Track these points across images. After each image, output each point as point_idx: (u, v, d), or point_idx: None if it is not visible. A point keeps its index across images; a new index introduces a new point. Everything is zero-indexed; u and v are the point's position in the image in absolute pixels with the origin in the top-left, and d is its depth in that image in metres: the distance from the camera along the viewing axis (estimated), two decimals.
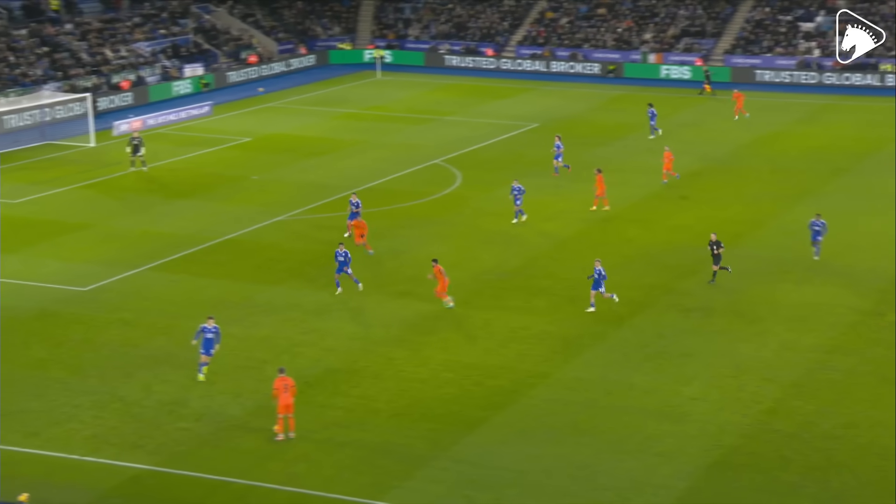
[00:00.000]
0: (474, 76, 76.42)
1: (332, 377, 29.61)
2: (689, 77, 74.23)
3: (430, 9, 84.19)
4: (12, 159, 51.94)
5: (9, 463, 24.90)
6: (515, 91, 70.73)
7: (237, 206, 45.28)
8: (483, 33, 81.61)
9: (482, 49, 79.95)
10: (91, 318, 33.16)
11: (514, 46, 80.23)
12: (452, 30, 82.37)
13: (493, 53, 79.42)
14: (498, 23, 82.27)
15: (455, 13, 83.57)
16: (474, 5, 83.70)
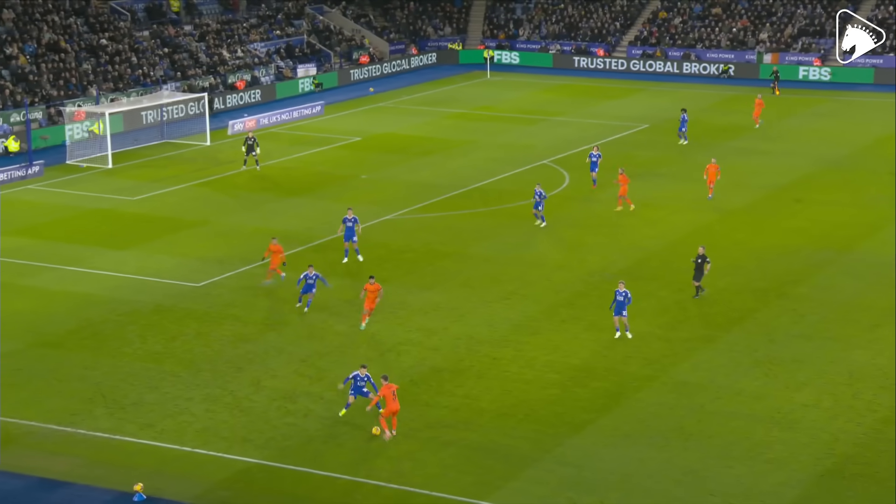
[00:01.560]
0: (585, 77, 75.90)
1: (436, 376, 29.73)
2: (806, 77, 72.52)
3: (542, 9, 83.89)
4: (132, 157, 53.43)
5: (125, 453, 25.61)
6: (626, 92, 70.03)
7: (347, 204, 45.73)
8: (594, 33, 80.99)
9: (593, 49, 79.36)
10: (204, 313, 33.90)
11: (625, 47, 79.45)
12: (563, 30, 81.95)
13: (603, 54, 78.77)
14: (609, 23, 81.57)
15: (567, 13, 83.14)
16: (586, 5, 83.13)
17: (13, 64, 59.52)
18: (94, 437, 26.21)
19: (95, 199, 46.18)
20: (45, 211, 44.75)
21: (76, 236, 41.18)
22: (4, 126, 55.15)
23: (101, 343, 31.60)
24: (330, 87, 71.87)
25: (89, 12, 67.18)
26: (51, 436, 26.23)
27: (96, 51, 63.89)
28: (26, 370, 29.73)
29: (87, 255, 38.94)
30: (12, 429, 26.49)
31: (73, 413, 27.26)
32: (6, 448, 25.64)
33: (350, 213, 38.13)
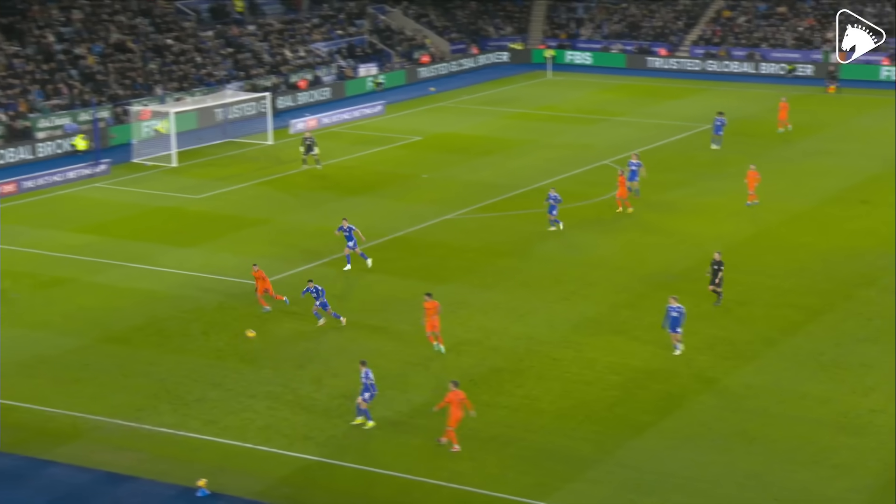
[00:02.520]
0: (647, 76, 75.37)
1: (496, 376, 29.68)
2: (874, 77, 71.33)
3: (604, 8, 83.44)
4: (196, 156, 54.05)
5: (189, 449, 25.90)
6: (688, 91, 69.41)
7: (407, 203, 45.91)
8: (657, 33, 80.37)
9: (655, 49, 78.75)
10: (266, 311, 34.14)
11: (688, 46, 78.74)
12: (625, 29, 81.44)
13: (666, 53, 78.14)
14: (672, 22, 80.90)
15: (629, 13, 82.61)
16: (648, 4, 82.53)
17: (81, 64, 60.51)
18: (159, 432, 26.55)
19: (160, 198, 46.78)
20: (112, 209, 45.43)
21: (142, 234, 41.75)
22: (73, 125, 56.09)
23: (166, 339, 32.00)
24: (391, 87, 72.08)
25: (155, 13, 68.07)
26: (117, 430, 26.61)
27: (162, 51, 64.72)
28: (93, 365, 30.21)
29: (152, 252, 39.45)
30: (80, 423, 26.93)
31: (139, 408, 27.63)
32: (75, 442, 26.07)
33: (345, 224, 37.47)
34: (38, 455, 25.40)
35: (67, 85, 58.31)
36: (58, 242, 40.43)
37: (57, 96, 57.26)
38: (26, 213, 44.50)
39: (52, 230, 42.12)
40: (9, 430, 26.55)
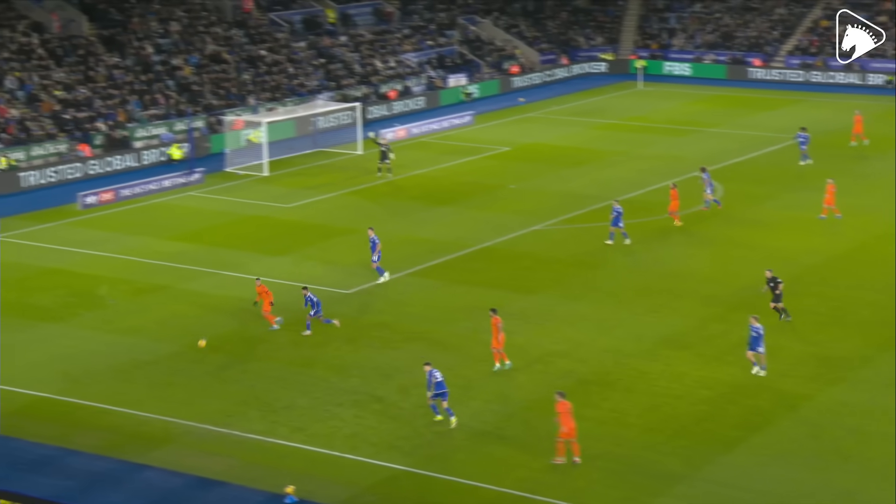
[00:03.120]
0: (740, 87, 74.34)
1: (583, 389, 29.50)
2: None
3: (697, 18, 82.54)
4: (286, 165, 54.80)
5: (277, 455, 26.22)
6: (783, 102, 68.29)
7: (494, 214, 45.94)
8: (751, 43, 79.22)
9: (749, 59, 77.64)
10: (353, 320, 34.45)
11: (783, 56, 77.48)
12: (718, 39, 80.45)
13: (760, 64, 76.98)
14: (767, 32, 79.69)
15: (722, 22, 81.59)
16: (743, 14, 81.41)
17: (178, 74, 61.82)
18: (248, 438, 26.93)
19: (252, 206, 47.51)
20: (205, 217, 46.29)
21: (233, 242, 42.45)
22: (169, 134, 57.31)
23: (256, 347, 32.46)
24: (483, 97, 72.25)
25: (249, 24, 69.27)
26: (207, 436, 27.06)
27: (255, 61, 65.81)
28: (186, 371, 30.78)
29: (243, 260, 40.08)
30: (172, 428, 27.45)
31: (229, 415, 28.07)
32: (167, 446, 26.59)
33: (371, 234, 37.57)
34: (133, 458, 25.94)
35: (164, 95, 59.62)
36: (153, 250, 41.32)
37: (154, 106, 58.58)
38: (123, 221, 45.58)
39: (147, 237, 43.06)
40: (105, 433, 27.18)
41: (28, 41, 58.46)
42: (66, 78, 57.38)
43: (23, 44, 58.11)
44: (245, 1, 70.47)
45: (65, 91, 56.50)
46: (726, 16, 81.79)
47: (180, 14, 66.78)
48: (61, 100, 55.94)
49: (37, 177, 51.01)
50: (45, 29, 60.18)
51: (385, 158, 51.82)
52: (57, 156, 52.85)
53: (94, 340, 32.80)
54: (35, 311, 35.02)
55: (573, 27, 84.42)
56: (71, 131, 54.34)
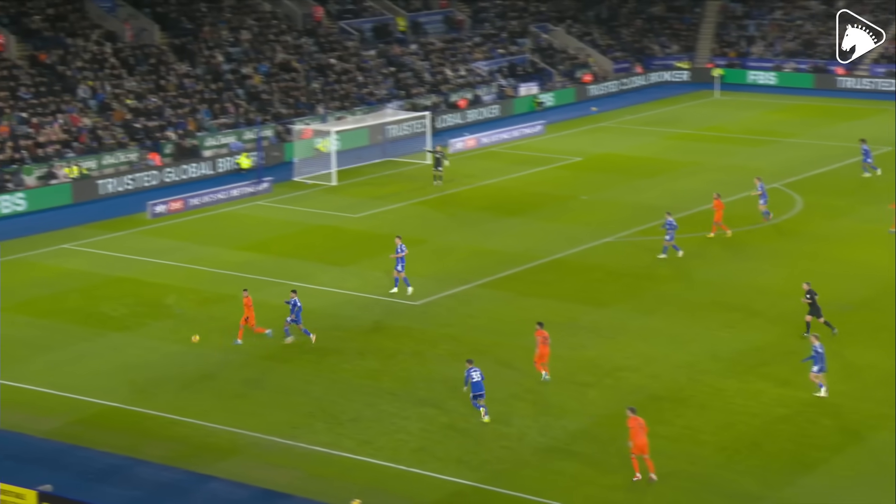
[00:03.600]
0: (821, 96, 73.22)
1: (655, 405, 29.20)
2: None
3: (777, 25, 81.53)
4: (355, 175, 55.15)
5: (343, 468, 26.33)
6: (867, 112, 67.12)
7: (565, 225, 45.75)
8: (833, 51, 77.90)
9: (831, 68, 76.46)
10: (421, 332, 34.52)
11: (867, 65, 76.15)
12: (799, 47, 79.35)
13: (843, 72, 75.75)
14: None
15: (804, 30, 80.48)
16: (826, 21, 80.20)
17: (248, 83, 62.59)
18: (314, 450, 27.08)
19: (319, 216, 47.89)
20: (272, 226, 46.75)
21: (301, 252, 42.81)
22: (238, 143, 58.02)
23: (322, 358, 32.66)
24: (558, 105, 72.12)
25: (319, 32, 69.93)
26: (273, 448, 27.27)
27: (325, 70, 66.41)
28: (253, 382, 31.06)
29: (310, 270, 40.39)
30: (239, 439, 27.71)
31: (295, 426, 28.26)
32: (233, 457, 26.85)
33: (398, 242, 37.44)
34: (199, 470, 26.22)
35: (234, 104, 60.40)
36: (220, 259, 41.82)
37: (223, 115, 59.36)
38: (192, 230, 46.21)
39: (215, 247, 43.60)
40: (172, 443, 27.53)
41: (101, 50, 59.63)
42: (138, 87, 58.41)
43: (96, 53, 59.30)
44: (315, 9, 71.19)
45: (136, 100, 57.51)
46: (808, 23, 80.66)
47: (251, 23, 67.64)
48: (132, 109, 56.95)
49: (109, 185, 51.95)
50: (117, 38, 61.35)
51: (439, 165, 52.01)
52: (128, 165, 53.79)
53: (162, 350, 33.27)
54: (103, 319, 35.63)
55: (648, 35, 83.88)
56: (141, 140, 55.28)
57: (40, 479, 24.16)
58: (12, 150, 50.77)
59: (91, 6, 62.61)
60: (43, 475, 24.94)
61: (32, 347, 33.35)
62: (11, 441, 27.51)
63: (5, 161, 50.23)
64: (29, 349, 33.25)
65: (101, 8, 62.82)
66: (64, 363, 32.29)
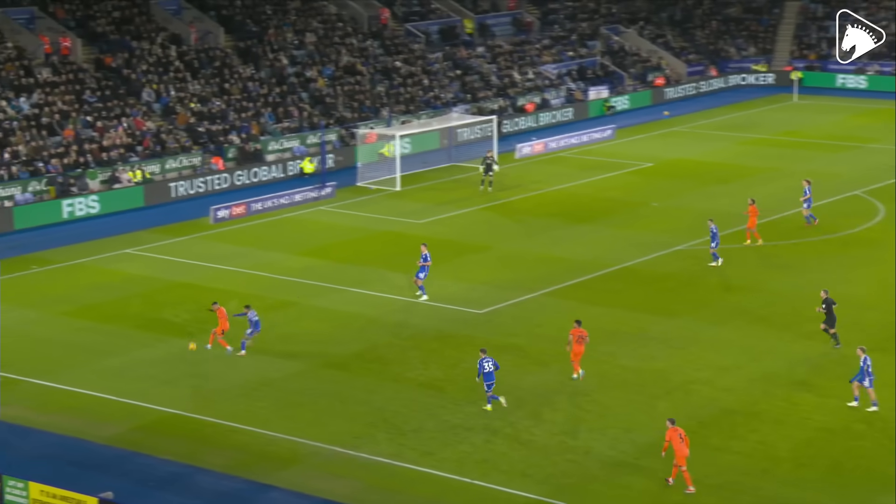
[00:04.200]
0: None
1: (728, 419, 28.85)
2: None
3: None
4: (419, 180, 55.30)
5: (405, 480, 26.33)
6: None
7: (635, 232, 45.44)
8: None
9: None
10: (485, 341, 34.35)
11: None
12: (884, 49, 77.94)
13: None
14: None
15: (889, 31, 79.00)
16: None
17: (312, 86, 63.09)
18: (376, 461, 27.14)
19: (383, 222, 48.08)
20: (335, 232, 47.02)
21: (363, 258, 42.99)
22: (301, 147, 58.50)
23: (384, 367, 32.74)
24: (625, 111, 71.73)
25: (385, 35, 70.28)
26: (334, 458, 27.38)
27: (390, 73, 66.70)
28: (313, 390, 31.24)
29: (373, 277, 40.55)
30: (299, 448, 27.87)
31: (356, 436, 28.35)
32: (293, 467, 27.00)
33: (424, 250, 37.71)
34: (259, 479, 26.40)
35: (298, 108, 60.90)
36: (282, 265, 42.16)
37: (287, 119, 59.89)
38: (253, 235, 46.66)
39: (276, 252, 43.97)
40: (232, 451, 27.77)
41: (165, 53, 60.51)
42: (202, 90, 59.15)
43: (160, 56, 60.19)
44: (382, 11, 71.56)
45: (200, 103, 58.24)
46: (893, 23, 79.23)
47: (316, 25, 68.19)
48: (196, 112, 57.69)
49: (181, 188, 52.64)
50: (182, 41, 62.20)
51: (489, 171, 51.99)
52: (191, 169, 54.49)
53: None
54: (164, 325, 36.08)
55: (724, 37, 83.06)
56: (205, 144, 55.96)
57: (101, 486, 24.52)
58: (77, 154, 51.67)
59: (157, 9, 63.57)
60: (104, 482, 25.29)
61: (94, 352, 33.89)
62: (73, 447, 27.95)
63: (70, 165, 51.14)
64: (90, 354, 33.79)
65: (166, 11, 63.74)
66: (125, 369, 32.75)
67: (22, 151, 50.71)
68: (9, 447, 27.95)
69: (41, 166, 50.19)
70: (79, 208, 49.51)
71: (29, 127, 52.07)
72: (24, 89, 54.08)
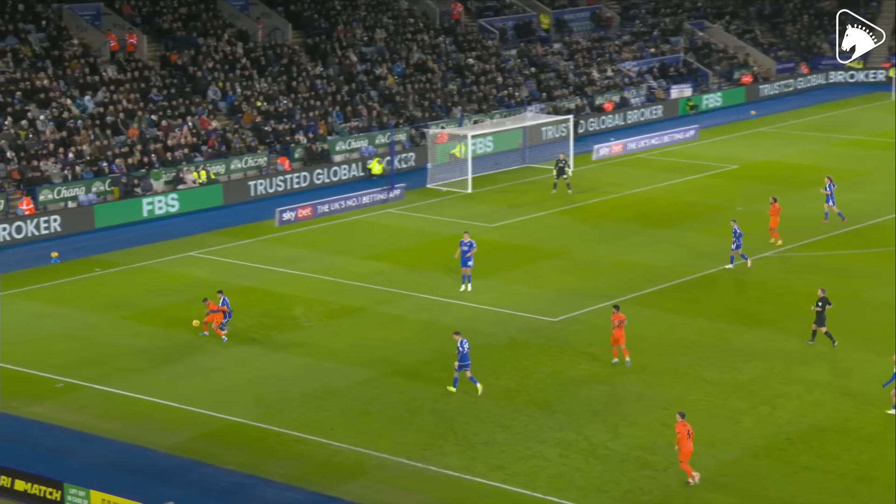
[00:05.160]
0: None
1: (818, 436, 28.43)
2: None
3: None
4: (491, 182, 55.27)
5: (474, 494, 26.31)
6: None
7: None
8: None
9: None
10: (559, 350, 34.35)
11: None
12: None
13: None
14: None
15: None
16: None
17: (381, 84, 63.42)
18: (444, 474, 27.15)
19: (453, 225, 48.12)
20: (404, 236, 47.19)
21: (433, 263, 43.08)
22: (370, 148, 58.81)
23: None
24: (708, 110, 71.08)
25: (458, 31, 70.42)
26: (401, 470, 27.45)
27: (462, 70, 66.81)
28: (380, 400, 31.37)
29: (443, 283, 40.60)
30: (365, 460, 27.99)
31: (424, 448, 28.40)
32: (359, 479, 27.11)
33: (467, 237, 39.28)
34: (325, 491, 26.54)
35: (367, 106, 61.24)
36: (349, 269, 42.40)
37: (356, 118, 60.25)
38: (320, 238, 47.00)
39: (344, 256, 44.25)
40: (297, 462, 27.97)
41: (232, 50, 61.24)
42: (268, 88, 59.75)
43: (227, 53, 60.92)
44: (454, 6, 71.72)
45: (266, 102, 58.84)
46: None
47: (386, 21, 68.53)
48: (262, 111, 58.29)
49: (251, 189, 53.36)
50: (249, 38, 62.90)
51: (562, 174, 51.80)
52: (256, 169, 55.07)
53: (287, 364, 33.88)
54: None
55: (816, 32, 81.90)
56: (271, 144, 56.51)
57: (164, 496, 24.87)
58: (141, 154, 52.49)
59: (224, 5, 64.36)
60: (166, 492, 25.65)
61: (156, 358, 34.37)
62: (136, 455, 28.36)
63: (134, 165, 51.96)
64: (153, 360, 34.27)
65: (233, 7, 64.52)
66: (188, 375, 33.17)
67: (86, 151, 51.65)
68: (71, 454, 28.46)
69: (105, 166, 51.06)
70: (158, 206, 50.56)
71: (93, 126, 53.02)
72: (89, 87, 55.09)
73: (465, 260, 39.19)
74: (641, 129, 65.75)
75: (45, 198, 48.68)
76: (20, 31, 56.12)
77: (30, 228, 47.24)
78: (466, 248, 39.25)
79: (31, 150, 50.45)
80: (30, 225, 47.23)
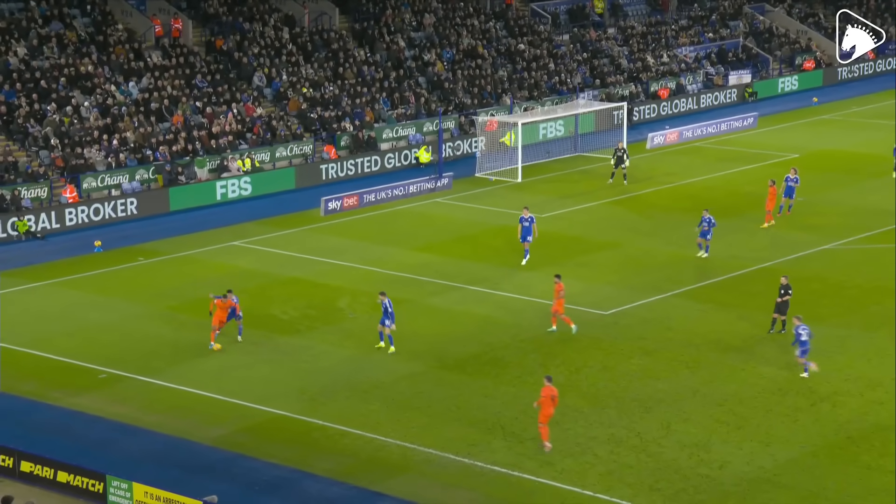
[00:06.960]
0: None
1: (880, 435, 28.21)
2: None
3: None
4: (542, 171, 55.23)
5: (523, 491, 26.38)
6: None
7: (778, 230, 44.69)
8: None
9: None
10: (611, 344, 34.32)
11: None
12: None
13: None
14: None
15: None
16: None
17: (430, 71, 63.50)
18: (492, 470, 27.26)
19: (502, 216, 48.15)
20: (452, 226, 47.29)
21: (481, 254, 43.15)
22: (418, 136, 58.93)
23: (502, 370, 32.85)
24: (765, 97, 70.53)
25: (509, 15, 70.33)
26: (448, 465, 27.59)
27: (513, 56, 66.74)
28: (427, 394, 31.52)
29: (491, 274, 40.68)
30: (411, 454, 28.16)
31: (471, 443, 28.51)
32: (405, 474, 27.27)
33: (526, 213, 40.92)
34: (369, 486, 26.72)
35: (414, 93, 61.36)
36: (395, 260, 42.58)
37: (403, 105, 60.38)
38: (366, 228, 47.22)
39: (390, 247, 44.43)
40: (341, 456, 28.19)
41: (278, 35, 61.60)
42: (315, 75, 60.03)
43: (272, 38, 61.29)
44: None
45: (312, 89, 59.13)
46: None
47: (436, 5, 68.58)
48: (308, 98, 58.59)
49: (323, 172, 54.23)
50: (295, 23, 63.23)
51: (620, 163, 51.65)
52: (302, 157, 55.40)
53: (333, 356, 34.13)
54: (273, 322, 36.77)
55: (883, 16, 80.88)
56: (317, 131, 56.81)
57: (207, 490, 25.17)
58: (185, 141, 52.97)
59: None
60: (209, 486, 25.96)
61: (200, 350, 34.72)
62: (179, 448, 28.72)
63: (178, 153, 52.45)
64: (197, 351, 34.64)
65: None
66: (232, 368, 33.51)
67: (130, 138, 52.20)
68: (114, 446, 28.87)
69: (149, 154, 51.59)
70: (231, 190, 51.89)
71: (137, 112, 53.56)
72: (134, 73, 55.65)
73: (525, 234, 40.74)
74: (698, 116, 65.38)
75: (88, 185, 49.30)
76: (65, 17, 56.81)
77: (108, 210, 48.84)
78: (527, 224, 40.80)
79: (75, 137, 51.09)
80: (107, 207, 48.90)
